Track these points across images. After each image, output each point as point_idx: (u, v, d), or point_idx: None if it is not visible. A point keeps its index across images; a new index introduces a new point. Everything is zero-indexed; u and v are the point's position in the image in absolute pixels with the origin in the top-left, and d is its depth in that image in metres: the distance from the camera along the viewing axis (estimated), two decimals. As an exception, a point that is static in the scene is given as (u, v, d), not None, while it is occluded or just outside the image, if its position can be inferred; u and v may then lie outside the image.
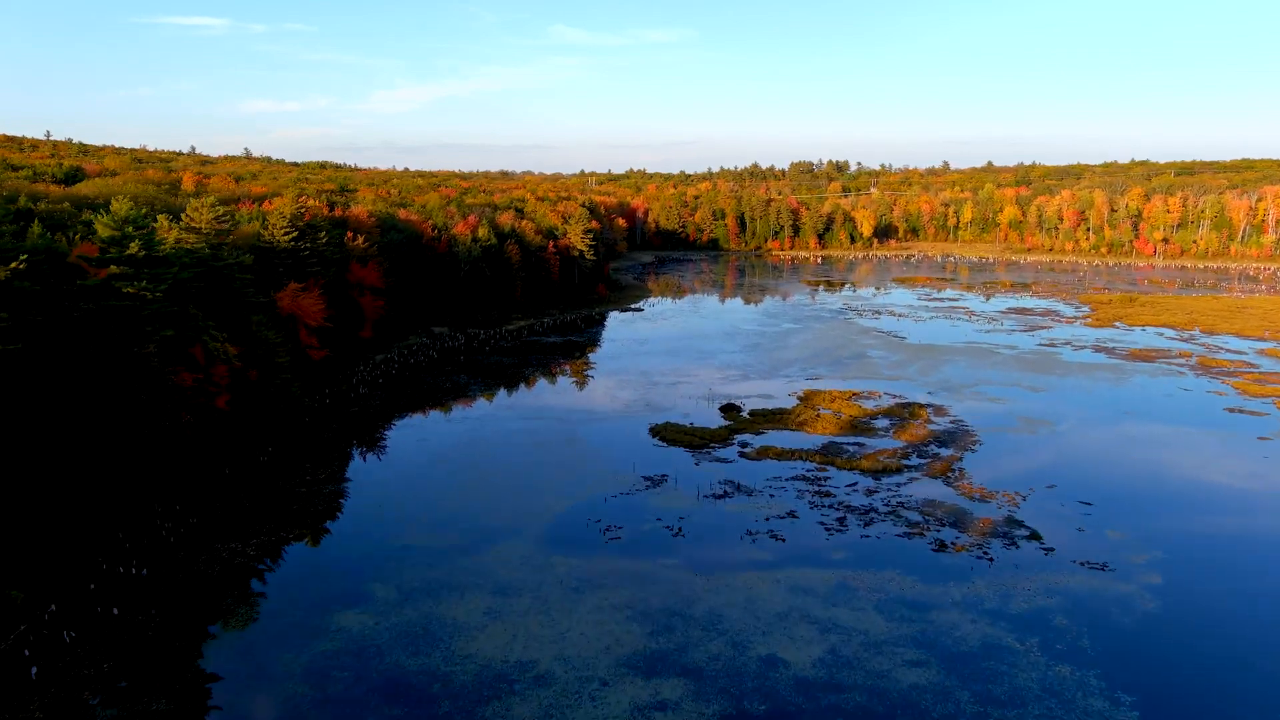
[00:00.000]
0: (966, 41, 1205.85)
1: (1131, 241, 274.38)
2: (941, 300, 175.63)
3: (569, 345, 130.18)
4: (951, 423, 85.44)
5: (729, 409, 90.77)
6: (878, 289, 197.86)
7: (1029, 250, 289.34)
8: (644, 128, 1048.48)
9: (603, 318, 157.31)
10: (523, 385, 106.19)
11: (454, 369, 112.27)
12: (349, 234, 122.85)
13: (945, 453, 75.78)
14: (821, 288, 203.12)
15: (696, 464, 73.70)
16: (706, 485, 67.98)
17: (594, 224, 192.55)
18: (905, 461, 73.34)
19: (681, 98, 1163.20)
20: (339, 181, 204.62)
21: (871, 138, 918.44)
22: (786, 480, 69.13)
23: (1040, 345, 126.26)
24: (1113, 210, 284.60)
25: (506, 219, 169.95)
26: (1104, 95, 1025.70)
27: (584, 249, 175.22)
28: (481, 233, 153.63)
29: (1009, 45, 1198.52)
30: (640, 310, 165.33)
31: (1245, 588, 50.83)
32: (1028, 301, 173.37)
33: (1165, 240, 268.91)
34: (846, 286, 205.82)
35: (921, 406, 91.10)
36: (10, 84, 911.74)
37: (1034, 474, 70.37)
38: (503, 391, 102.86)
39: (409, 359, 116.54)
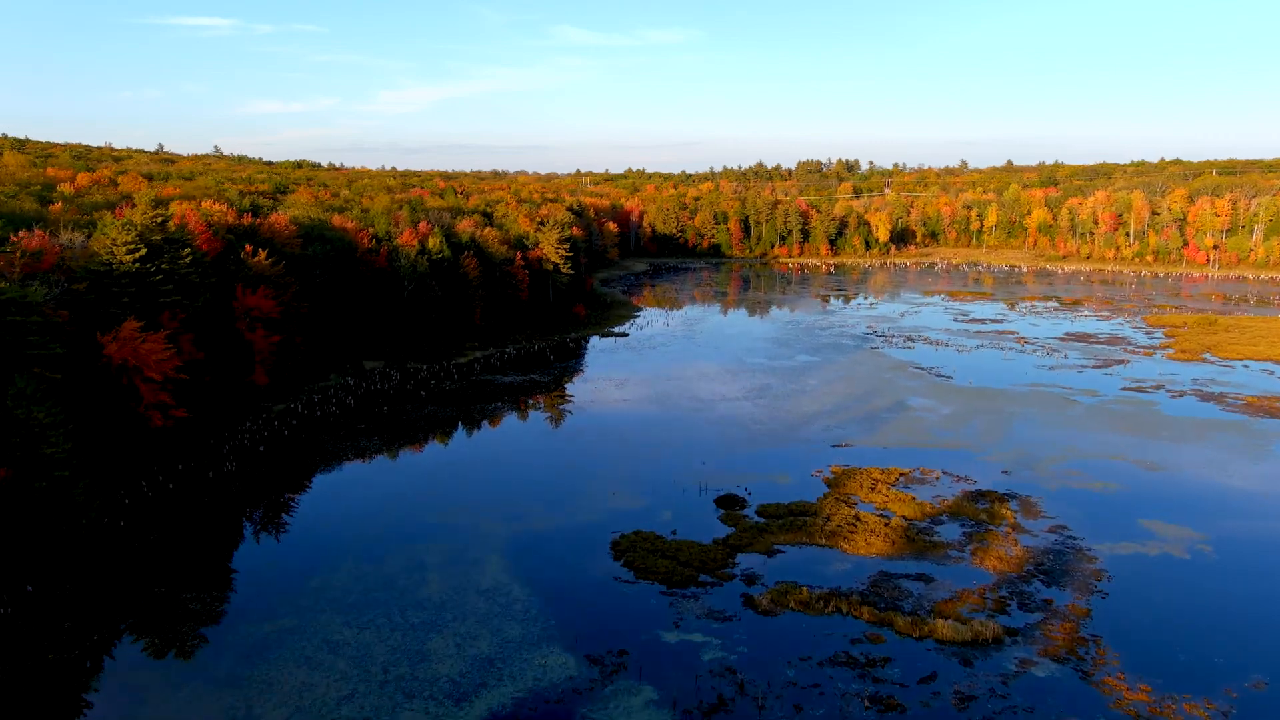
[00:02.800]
0: (975, 42, 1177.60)
1: (1180, 248, 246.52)
2: (983, 323, 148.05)
3: (529, 387, 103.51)
4: (1051, 531, 58.76)
5: (728, 502, 64.26)
6: (903, 305, 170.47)
7: (1064, 258, 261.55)
8: (649, 129, 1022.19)
9: (579, 346, 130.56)
10: (448, 454, 79.80)
11: (369, 425, 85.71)
12: (247, 248, 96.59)
13: (1060, 600, 49.07)
14: (837, 300, 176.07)
15: (677, 622, 47.20)
16: (689, 681, 41.42)
17: (574, 230, 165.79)
18: (1005, 620, 46.66)
19: (687, 99, 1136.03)
20: (276, 182, 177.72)
21: (881, 138, 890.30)
22: (819, 665, 42.57)
23: (1125, 390, 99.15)
24: (1154, 213, 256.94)
25: (467, 226, 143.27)
26: (1123, 93, 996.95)
27: (559, 261, 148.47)
28: (432, 243, 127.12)
29: (1018, 45, 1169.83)
30: (625, 335, 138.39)
31: None
32: (1086, 324, 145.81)
33: (1216, 247, 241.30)
34: (866, 302, 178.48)
35: (1001, 499, 64.40)
36: (14, 85, 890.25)
37: (1217, 651, 43.65)
38: (416, 465, 76.46)
39: (315, 410, 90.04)
